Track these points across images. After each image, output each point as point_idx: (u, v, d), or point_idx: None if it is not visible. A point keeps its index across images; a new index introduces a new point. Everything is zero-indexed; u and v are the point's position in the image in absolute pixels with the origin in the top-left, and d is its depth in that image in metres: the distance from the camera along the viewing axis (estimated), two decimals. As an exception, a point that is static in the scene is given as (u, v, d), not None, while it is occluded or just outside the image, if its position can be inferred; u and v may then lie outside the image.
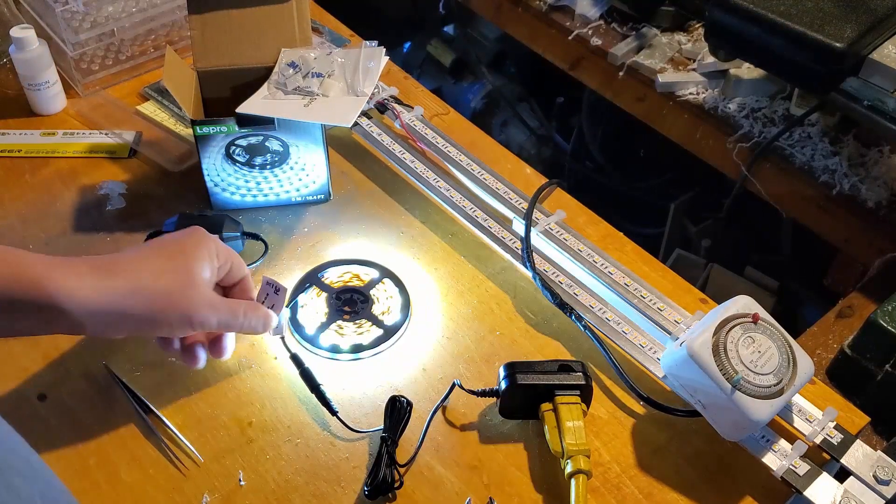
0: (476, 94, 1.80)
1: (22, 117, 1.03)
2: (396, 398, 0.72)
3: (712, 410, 0.68)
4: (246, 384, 0.75)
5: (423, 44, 1.86)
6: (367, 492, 0.67)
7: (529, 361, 0.73)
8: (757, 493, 0.69)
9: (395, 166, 0.93)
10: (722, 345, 0.67)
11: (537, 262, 0.83)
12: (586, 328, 0.78)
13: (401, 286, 0.84)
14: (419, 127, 0.97)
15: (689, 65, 1.24)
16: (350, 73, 0.88)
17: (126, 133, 1.01)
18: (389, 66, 1.11)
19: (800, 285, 1.33)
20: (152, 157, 0.98)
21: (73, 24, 1.02)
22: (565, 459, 0.67)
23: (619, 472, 0.71)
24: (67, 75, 1.06)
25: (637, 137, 1.48)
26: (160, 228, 0.85)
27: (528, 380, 0.70)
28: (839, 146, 1.10)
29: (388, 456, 0.68)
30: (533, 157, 1.74)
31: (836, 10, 0.97)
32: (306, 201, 0.93)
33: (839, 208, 1.05)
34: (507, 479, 0.69)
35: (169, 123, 1.03)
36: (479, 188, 0.90)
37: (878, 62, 0.94)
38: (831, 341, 0.90)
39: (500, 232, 0.86)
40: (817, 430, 0.69)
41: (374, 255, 0.87)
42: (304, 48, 0.89)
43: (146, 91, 1.08)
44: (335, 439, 0.71)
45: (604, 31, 1.31)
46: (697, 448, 0.72)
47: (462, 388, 0.73)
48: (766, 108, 1.16)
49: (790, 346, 0.69)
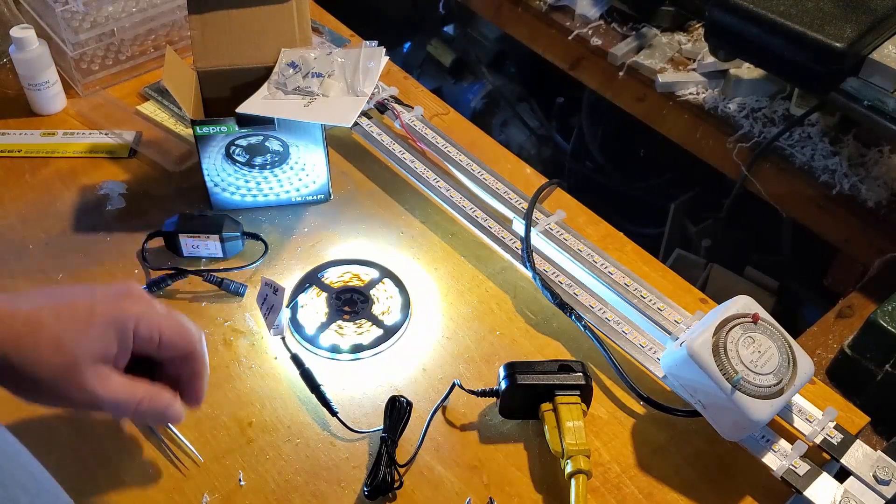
0: (476, 94, 1.80)
1: (22, 117, 1.03)
2: (396, 398, 0.72)
3: (712, 410, 0.68)
4: (246, 384, 0.75)
5: (423, 44, 1.86)
6: (367, 492, 0.67)
7: (529, 361, 0.73)
8: (757, 493, 0.69)
9: (395, 166, 0.93)
10: (722, 345, 0.67)
11: (537, 262, 0.83)
12: (586, 328, 0.78)
13: (401, 286, 0.84)
14: (419, 127, 0.97)
15: (689, 65, 1.24)
16: (350, 73, 0.88)
17: (126, 133, 1.01)
18: (389, 66, 1.11)
19: (800, 285, 1.33)
20: (152, 157, 0.98)
21: (73, 24, 1.02)
22: (565, 459, 0.67)
23: (619, 472, 0.71)
24: (67, 75, 1.06)
25: (637, 137, 1.48)
26: (160, 228, 0.85)
27: (528, 380, 0.70)
28: (839, 146, 1.10)
29: (387, 456, 0.68)
30: (533, 157, 1.74)
31: (836, 10, 0.97)
32: (306, 201, 0.93)
33: (839, 208, 1.05)
34: (507, 479, 0.69)
35: (169, 123, 1.03)
36: (479, 188, 0.90)
37: (878, 62, 0.94)
38: (831, 341, 0.90)
39: (500, 232, 0.86)
40: (817, 430, 0.69)
41: (374, 255, 0.87)
42: (304, 48, 0.89)
43: (146, 91, 1.08)
44: (335, 439, 0.71)
45: (604, 31, 1.31)
46: (697, 448, 0.72)
47: (462, 388, 0.73)
48: (766, 108, 1.16)
49: (790, 346, 0.69)
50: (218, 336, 0.80)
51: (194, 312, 0.82)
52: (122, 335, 0.57)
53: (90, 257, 0.86)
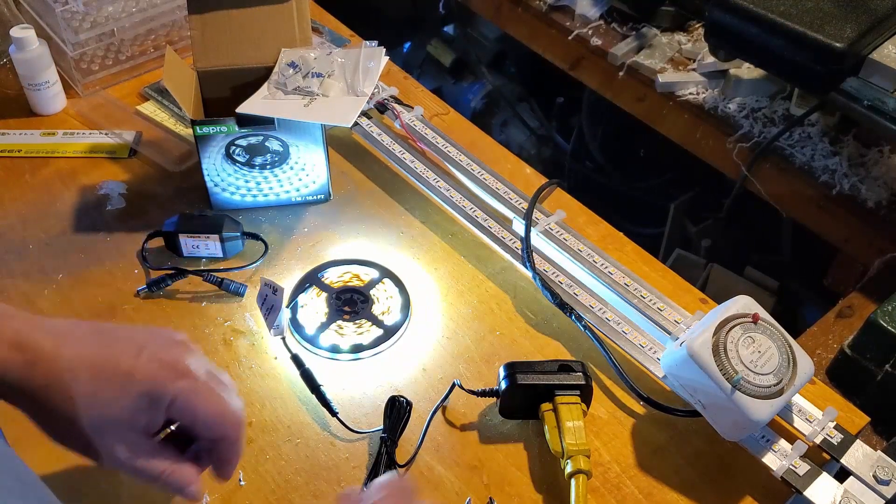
0: (476, 94, 1.80)
1: (22, 117, 1.03)
2: (396, 398, 0.72)
3: (712, 410, 0.68)
4: (246, 384, 0.75)
5: (423, 44, 1.86)
6: (367, 492, 0.67)
7: (529, 361, 0.73)
8: (757, 493, 0.69)
9: (395, 166, 0.93)
10: (722, 345, 0.67)
11: (537, 262, 0.83)
12: (586, 328, 0.78)
13: (401, 286, 0.84)
14: (419, 127, 0.97)
15: (689, 65, 1.24)
16: (350, 73, 0.88)
17: (126, 133, 1.01)
18: (389, 66, 1.11)
19: (800, 285, 1.33)
20: (152, 157, 0.98)
21: (73, 24, 1.02)
22: (565, 459, 0.67)
23: (619, 472, 0.71)
24: (67, 75, 1.06)
25: (637, 137, 1.48)
26: (160, 228, 0.85)
27: (528, 380, 0.70)
28: (839, 146, 1.10)
29: (387, 456, 0.68)
30: (533, 157, 1.74)
31: (836, 10, 0.98)
32: (306, 201, 0.93)
33: (839, 208, 1.05)
34: (507, 479, 0.69)
35: (169, 123, 1.03)
36: (479, 188, 0.90)
37: (877, 62, 0.94)
38: (831, 341, 0.90)
39: (500, 232, 0.86)
40: (817, 431, 0.69)
41: (374, 255, 0.87)
42: (304, 48, 0.89)
43: (146, 91, 1.08)
44: (335, 439, 0.71)
45: (604, 31, 1.31)
46: (697, 448, 0.72)
47: (462, 388, 0.73)
48: (766, 108, 1.16)
49: (790, 346, 0.69)
50: (218, 336, 0.80)
51: (194, 312, 0.82)
52: (155, 407, 0.56)
53: (90, 257, 0.86)
